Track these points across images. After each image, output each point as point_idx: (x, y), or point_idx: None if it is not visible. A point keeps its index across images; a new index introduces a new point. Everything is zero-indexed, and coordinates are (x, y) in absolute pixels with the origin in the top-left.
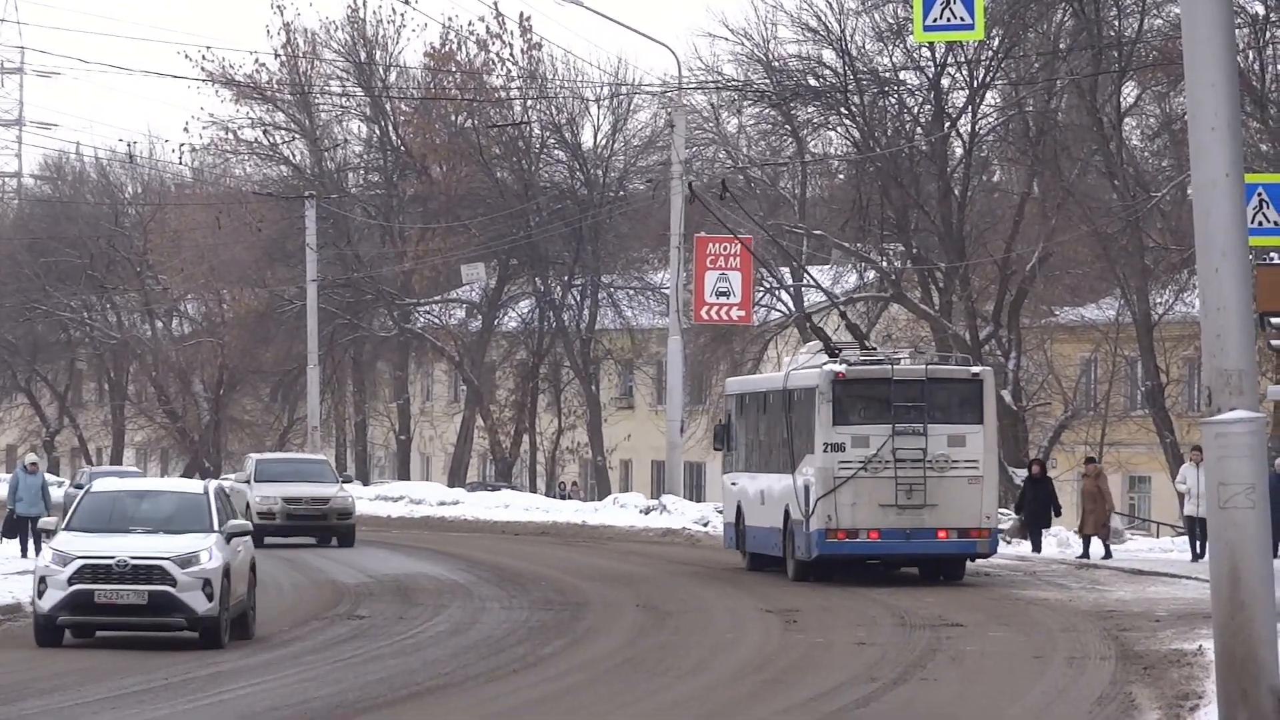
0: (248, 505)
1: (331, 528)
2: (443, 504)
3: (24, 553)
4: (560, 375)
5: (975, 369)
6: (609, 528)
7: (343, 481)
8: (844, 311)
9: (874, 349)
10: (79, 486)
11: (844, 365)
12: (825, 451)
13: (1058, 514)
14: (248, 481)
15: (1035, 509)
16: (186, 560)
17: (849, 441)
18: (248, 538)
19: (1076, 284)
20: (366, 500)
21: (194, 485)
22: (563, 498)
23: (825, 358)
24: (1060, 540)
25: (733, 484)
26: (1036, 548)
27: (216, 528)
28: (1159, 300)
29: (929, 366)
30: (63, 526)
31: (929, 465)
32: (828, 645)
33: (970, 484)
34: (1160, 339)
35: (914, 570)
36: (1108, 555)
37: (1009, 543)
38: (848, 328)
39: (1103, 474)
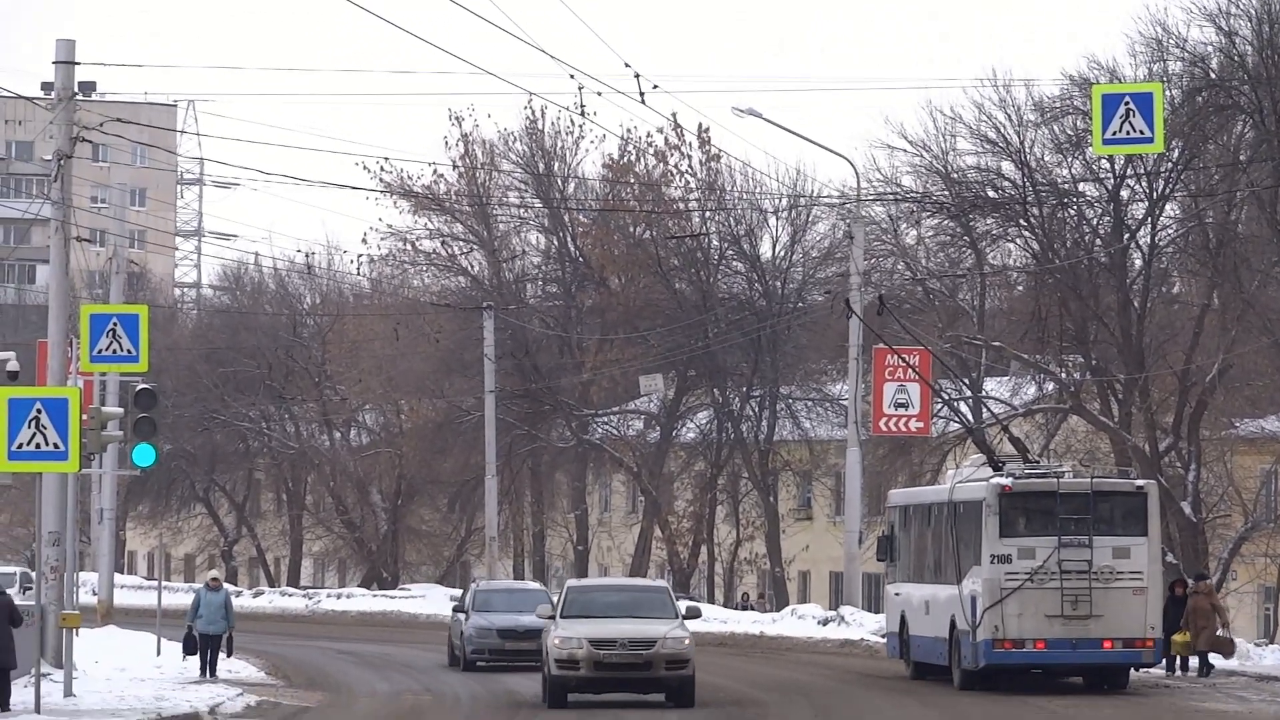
0: (546, 651)
1: (656, 681)
2: None
3: (203, 671)
4: (738, 486)
5: (1139, 482)
6: (787, 638)
7: (686, 615)
8: (1006, 426)
9: (1037, 462)
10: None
11: (1010, 479)
12: (992, 563)
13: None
14: (552, 617)
15: (1176, 628)
16: None
17: (1015, 553)
18: None
19: (1257, 396)
20: None
21: None
22: (745, 608)
23: (989, 471)
24: (1240, 652)
25: (896, 594)
26: (1171, 667)
27: None
28: None
29: (1094, 479)
30: None
31: (1094, 576)
32: None
33: (1135, 595)
34: None
35: (1077, 679)
36: (1207, 671)
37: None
38: (1010, 441)
39: (1214, 590)
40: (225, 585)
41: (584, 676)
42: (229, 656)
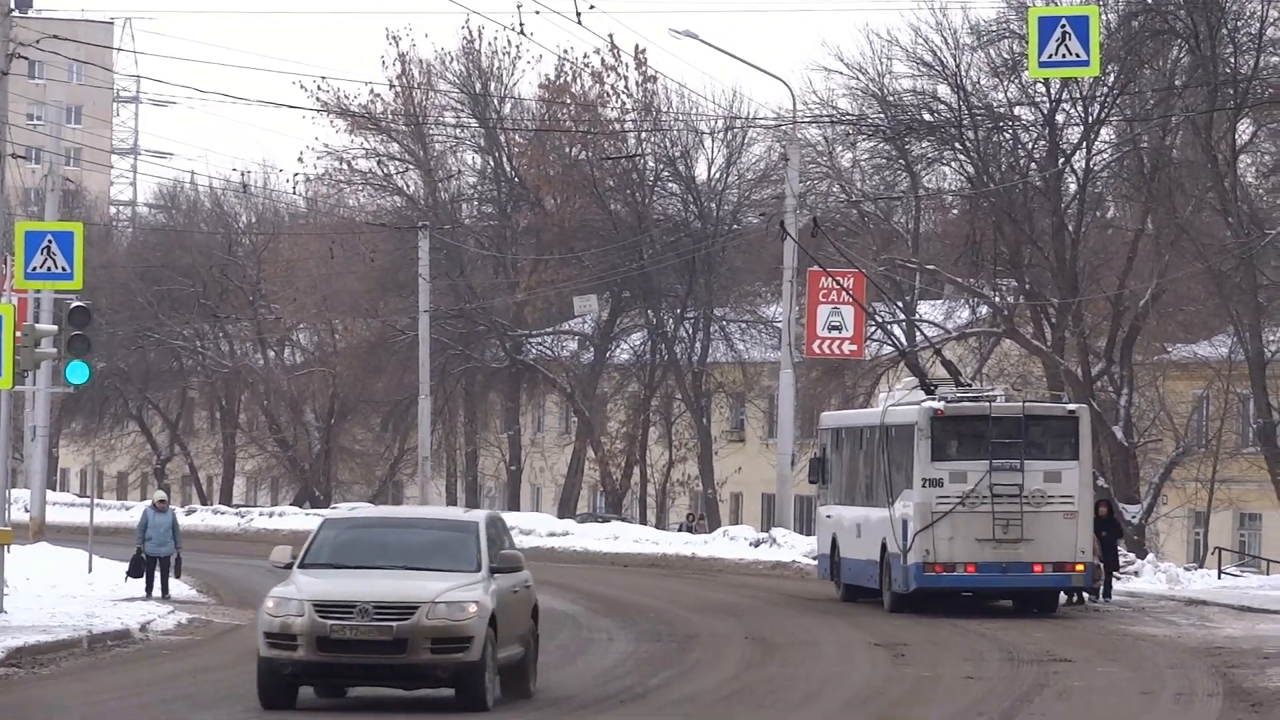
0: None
1: (415, 669)
2: (552, 535)
3: (149, 591)
4: (671, 408)
5: (1071, 406)
6: (719, 560)
7: (500, 566)
8: (939, 350)
9: (969, 386)
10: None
11: (942, 402)
12: (923, 487)
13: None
14: (289, 565)
15: (1101, 552)
16: None
17: (947, 477)
18: None
19: (1189, 321)
20: None
21: None
22: (689, 530)
23: (922, 394)
24: (1170, 576)
25: (828, 516)
26: (1105, 592)
27: None
28: (1272, 338)
29: (1026, 403)
30: None
31: (1025, 500)
32: (935, 679)
33: (1066, 519)
34: (1273, 376)
35: (1008, 603)
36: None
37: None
38: (943, 365)
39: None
40: (171, 506)
41: (304, 660)
42: (177, 578)
